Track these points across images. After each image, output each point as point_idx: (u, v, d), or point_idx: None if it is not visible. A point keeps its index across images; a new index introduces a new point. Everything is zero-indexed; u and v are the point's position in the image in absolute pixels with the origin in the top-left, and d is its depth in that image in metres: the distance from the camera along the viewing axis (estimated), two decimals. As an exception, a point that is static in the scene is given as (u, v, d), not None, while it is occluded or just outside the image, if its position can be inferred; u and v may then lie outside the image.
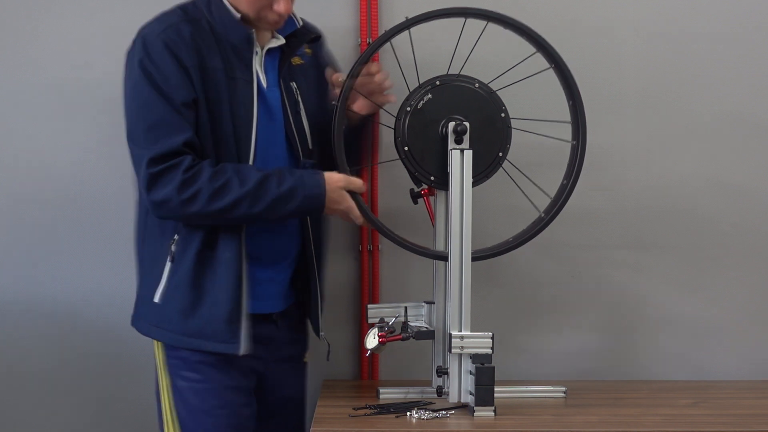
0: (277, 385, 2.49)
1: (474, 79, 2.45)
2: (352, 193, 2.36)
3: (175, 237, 2.30)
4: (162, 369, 2.37)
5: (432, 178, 2.44)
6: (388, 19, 2.72)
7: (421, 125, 2.43)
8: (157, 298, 2.32)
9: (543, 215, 2.49)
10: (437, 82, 2.43)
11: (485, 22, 2.44)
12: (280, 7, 2.30)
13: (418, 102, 2.43)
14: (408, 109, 2.43)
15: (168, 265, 2.31)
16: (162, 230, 2.32)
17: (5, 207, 2.80)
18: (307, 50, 2.50)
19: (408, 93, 2.45)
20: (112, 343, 2.80)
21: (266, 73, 2.40)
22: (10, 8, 2.77)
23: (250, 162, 2.31)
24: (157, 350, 2.37)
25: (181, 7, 2.35)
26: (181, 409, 2.35)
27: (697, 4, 2.83)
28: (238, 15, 2.32)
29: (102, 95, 2.76)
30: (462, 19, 2.44)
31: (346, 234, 2.79)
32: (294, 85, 2.43)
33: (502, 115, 2.45)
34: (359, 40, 2.75)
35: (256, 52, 2.36)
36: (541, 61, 2.46)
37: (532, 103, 2.58)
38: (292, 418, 2.55)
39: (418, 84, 2.45)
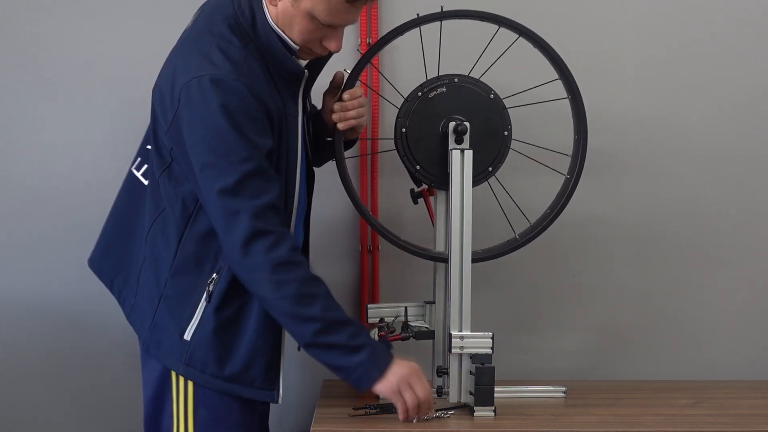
0: None
1: (491, 89, 2.44)
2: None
3: (213, 276, 2.18)
4: (189, 400, 2.23)
5: (417, 167, 2.43)
6: (389, 19, 2.72)
7: (425, 115, 2.42)
8: (188, 336, 2.19)
9: (518, 238, 2.49)
10: (456, 80, 2.43)
11: (516, 36, 2.44)
12: (331, 45, 2.17)
13: (431, 92, 2.42)
14: (419, 94, 2.43)
15: (203, 305, 2.18)
16: (199, 263, 2.19)
17: (5, 207, 2.80)
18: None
19: (425, 80, 2.45)
20: (112, 343, 2.80)
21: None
22: (10, 8, 2.77)
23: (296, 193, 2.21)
24: (181, 382, 2.23)
25: (234, 29, 2.13)
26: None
27: (697, 4, 2.83)
28: (297, 47, 2.16)
29: (102, 95, 2.76)
30: (494, 27, 2.44)
31: (346, 234, 2.79)
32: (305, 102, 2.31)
33: (506, 133, 2.44)
34: (359, 40, 2.75)
35: None
36: (559, 87, 2.46)
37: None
38: None
39: (437, 75, 2.45)
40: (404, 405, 2.20)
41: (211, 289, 2.18)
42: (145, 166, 2.31)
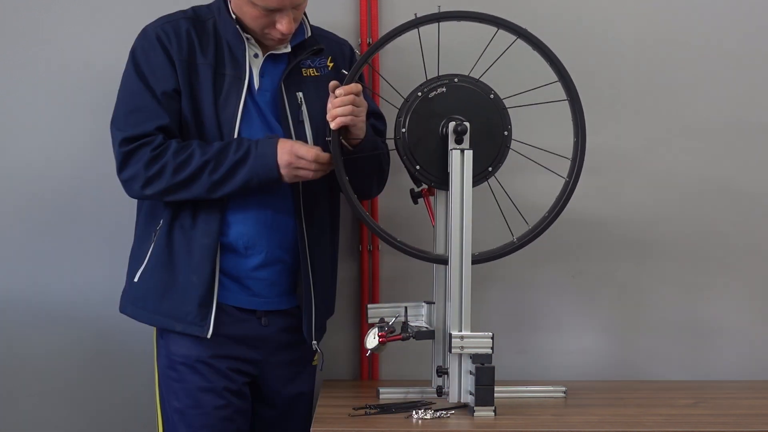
0: (280, 387, 2.50)
1: (490, 89, 2.45)
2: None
3: (161, 221, 2.40)
4: (155, 361, 2.47)
5: (417, 167, 2.43)
6: (389, 19, 2.72)
7: (425, 115, 2.42)
8: (136, 278, 2.42)
9: (515, 241, 2.49)
10: (456, 80, 2.43)
11: (515, 38, 2.43)
12: (282, 26, 2.35)
13: (431, 92, 2.42)
14: (419, 94, 2.43)
15: (150, 248, 2.40)
16: (151, 216, 2.43)
17: (5, 206, 2.80)
18: (329, 63, 2.51)
19: (425, 80, 2.45)
20: (112, 342, 2.80)
21: (263, 76, 2.43)
22: (10, 8, 2.77)
23: None
24: (154, 341, 2.48)
25: (194, 8, 2.49)
26: (163, 403, 2.45)
27: (697, 4, 2.83)
28: (234, 16, 2.41)
29: (102, 95, 2.75)
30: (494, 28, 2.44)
31: (346, 234, 2.79)
32: (300, 95, 2.45)
33: (505, 133, 2.44)
34: (359, 40, 2.75)
35: (256, 55, 2.43)
36: (556, 88, 2.46)
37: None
38: (298, 419, 2.54)
39: (437, 75, 2.45)
40: (310, 175, 2.35)
41: (156, 232, 2.41)
42: None
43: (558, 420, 2.36)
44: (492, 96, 2.44)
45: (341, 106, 2.32)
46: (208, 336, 2.36)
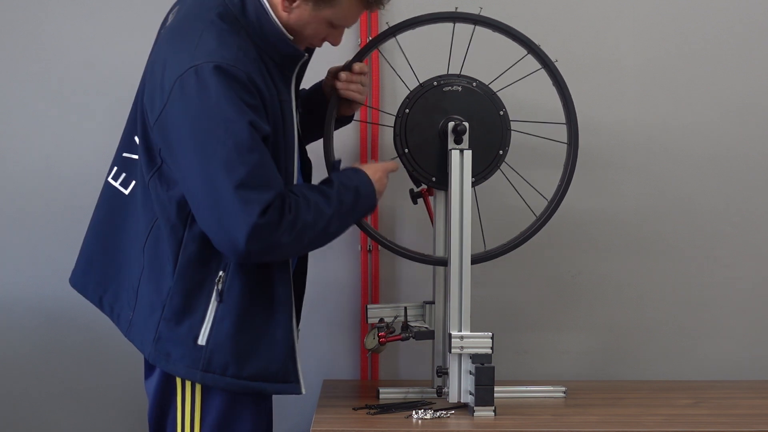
0: None
1: (473, 78, 2.45)
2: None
3: (220, 274, 2.13)
4: (197, 410, 2.19)
5: (433, 179, 2.44)
6: (389, 19, 2.71)
7: (421, 125, 2.43)
8: (201, 341, 2.12)
9: (538, 220, 2.49)
10: (434, 83, 2.44)
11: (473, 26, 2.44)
12: (336, 41, 2.21)
13: (414, 102, 2.43)
14: (407, 111, 2.43)
15: (213, 305, 2.12)
16: (204, 262, 2.13)
17: (7, 206, 2.80)
18: None
19: (407, 92, 2.46)
20: (114, 342, 2.79)
21: None
22: (10, 8, 2.77)
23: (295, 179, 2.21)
24: (186, 389, 2.18)
25: (220, 14, 2.09)
26: None
27: (697, 4, 2.83)
28: (291, 37, 2.14)
29: (104, 95, 2.76)
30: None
31: (346, 234, 2.78)
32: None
33: (501, 113, 2.45)
34: (359, 39, 2.76)
35: None
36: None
37: (531, 104, 2.58)
38: None
39: (418, 84, 2.45)
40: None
41: (220, 287, 2.12)
42: (123, 175, 2.26)
43: (558, 420, 2.36)
44: (475, 84, 2.44)
45: (360, 83, 2.33)
46: (303, 392, 2.19)
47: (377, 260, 2.81)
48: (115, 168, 2.28)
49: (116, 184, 2.27)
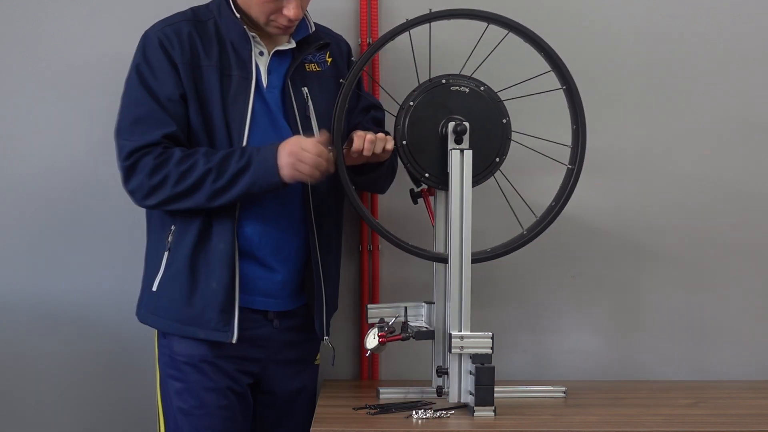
0: (281, 385, 2.50)
1: (481, 82, 2.45)
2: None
3: (172, 227, 2.37)
4: (156, 361, 2.45)
5: (426, 174, 2.44)
6: (389, 19, 2.72)
7: (422, 120, 2.43)
8: (154, 287, 2.39)
9: (525, 233, 2.50)
10: (443, 81, 2.44)
11: (506, 32, 2.44)
12: (290, 12, 2.33)
13: (420, 97, 2.43)
14: (411, 103, 2.43)
15: (165, 255, 2.38)
16: (162, 222, 2.40)
17: (8, 206, 2.80)
18: (328, 59, 2.52)
19: (416, 85, 2.46)
20: (115, 342, 2.80)
21: (270, 74, 2.43)
22: (10, 8, 2.77)
23: None
24: (155, 342, 2.46)
25: (193, 9, 2.45)
26: (165, 404, 2.43)
27: (697, 4, 2.83)
28: (238, 15, 2.38)
29: (104, 95, 2.75)
30: (483, 24, 2.45)
31: (346, 234, 2.79)
32: (305, 90, 2.44)
33: (504, 121, 2.44)
34: (359, 40, 2.75)
35: (261, 53, 2.42)
36: (553, 78, 2.47)
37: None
38: (299, 415, 2.53)
39: (428, 78, 2.45)
40: (309, 170, 2.29)
41: (170, 239, 2.38)
42: None
43: (558, 420, 2.36)
44: (483, 89, 2.44)
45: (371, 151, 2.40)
46: (233, 341, 2.35)
47: (377, 260, 2.81)
48: None
49: None
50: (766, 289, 2.88)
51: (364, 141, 2.37)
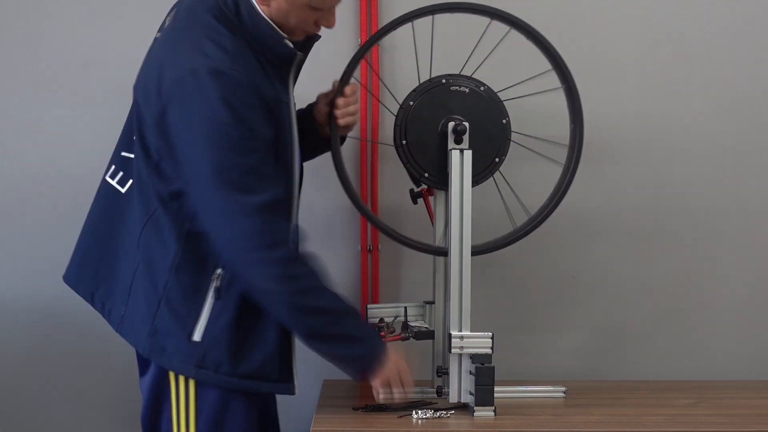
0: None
1: (481, 82, 2.45)
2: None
3: (218, 272, 2.13)
4: (191, 406, 2.19)
5: (426, 174, 2.44)
6: (389, 19, 2.70)
7: (422, 119, 2.43)
8: (197, 337, 2.13)
9: (519, 228, 2.49)
10: (443, 80, 2.44)
11: (508, 28, 2.44)
12: (330, 23, 2.16)
13: (420, 96, 2.43)
14: (411, 103, 2.43)
15: (210, 302, 2.13)
16: (202, 260, 2.14)
17: (7, 206, 2.80)
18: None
19: (417, 83, 2.46)
20: (113, 342, 2.79)
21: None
22: (10, 8, 2.77)
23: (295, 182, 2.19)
24: (180, 386, 2.19)
25: (216, 17, 2.09)
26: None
27: (697, 4, 2.83)
28: (285, 35, 2.14)
29: (104, 95, 2.76)
30: (486, 20, 2.45)
31: (346, 234, 2.79)
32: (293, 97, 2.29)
33: (504, 122, 2.44)
34: (359, 39, 2.76)
35: None
36: (553, 77, 2.46)
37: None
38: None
39: (428, 78, 2.45)
40: (386, 393, 2.24)
41: (217, 285, 2.13)
42: (121, 174, 2.26)
43: (558, 420, 2.36)
44: (483, 89, 2.44)
45: (354, 104, 2.32)
46: (296, 393, 2.20)
47: (377, 260, 2.81)
48: (113, 166, 2.29)
49: (113, 183, 2.28)
50: (766, 288, 2.88)
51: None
